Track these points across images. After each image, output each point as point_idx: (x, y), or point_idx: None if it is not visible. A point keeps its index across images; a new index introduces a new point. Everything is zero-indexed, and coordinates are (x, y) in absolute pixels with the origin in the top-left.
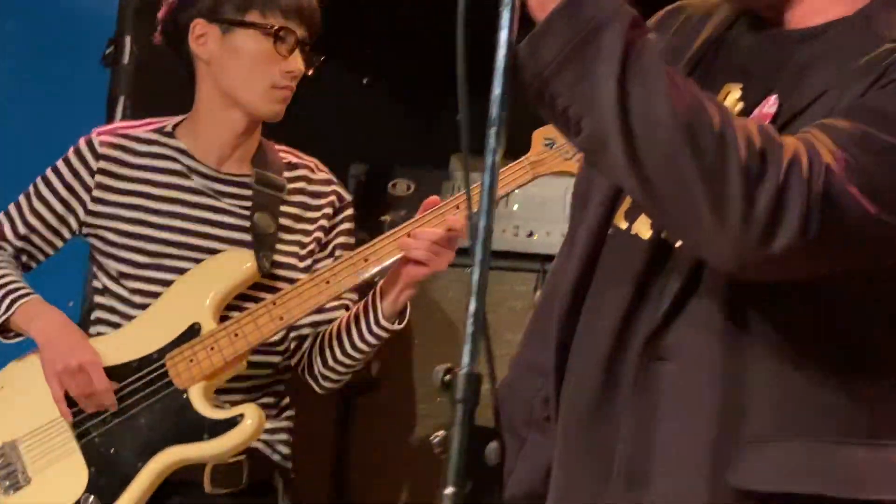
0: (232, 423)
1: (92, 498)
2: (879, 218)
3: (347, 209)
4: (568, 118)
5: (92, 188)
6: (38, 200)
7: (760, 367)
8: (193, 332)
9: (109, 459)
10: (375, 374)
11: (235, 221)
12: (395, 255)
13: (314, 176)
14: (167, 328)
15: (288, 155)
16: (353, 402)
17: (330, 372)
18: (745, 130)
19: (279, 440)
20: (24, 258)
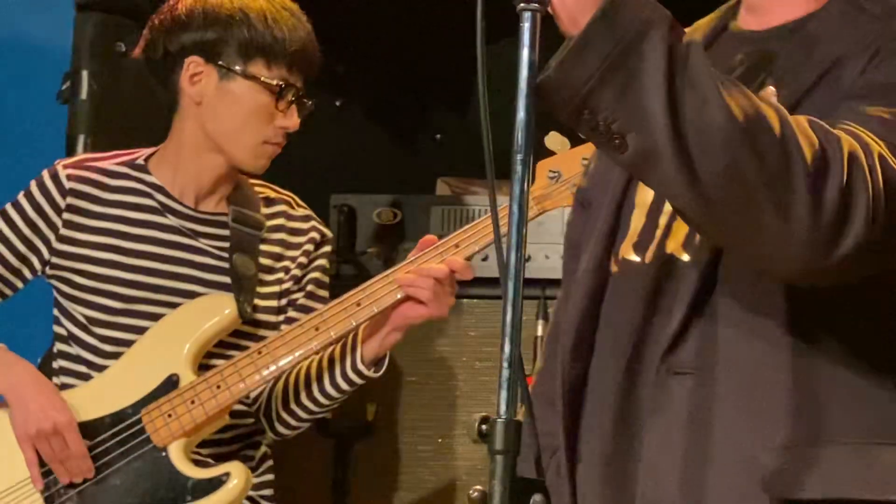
0: (217, 482)
1: None
2: None
3: (326, 245)
4: (612, 134)
5: (59, 227)
6: None
7: (786, 373)
8: (171, 384)
9: None
10: (371, 418)
11: (214, 262)
12: (389, 298)
13: (293, 212)
14: (142, 380)
15: (265, 189)
16: (349, 448)
17: (289, 416)
18: (802, 129)
19: (263, 496)
20: None
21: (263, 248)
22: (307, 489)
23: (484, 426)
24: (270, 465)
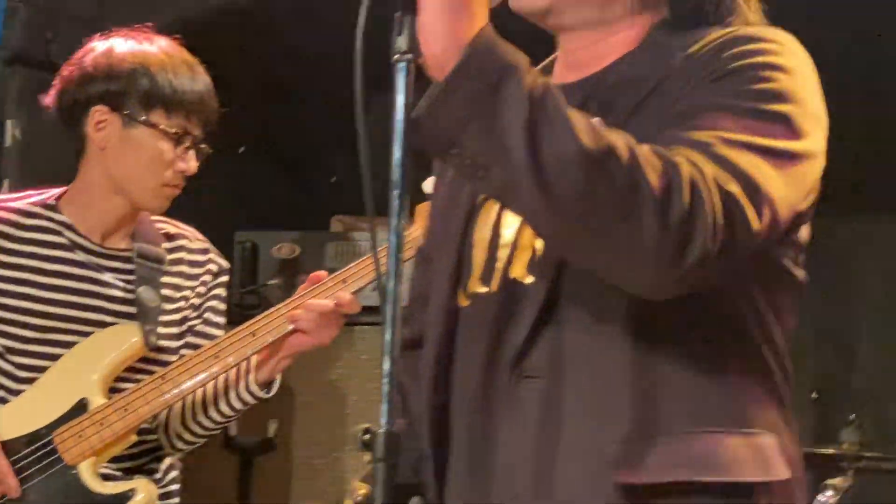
0: (123, 498)
1: None
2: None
3: (223, 276)
4: (477, 168)
5: None
6: None
7: (627, 373)
8: (81, 407)
9: None
10: (272, 434)
11: (120, 294)
12: (281, 330)
13: (192, 245)
14: (55, 403)
15: (166, 225)
16: (252, 462)
17: (187, 432)
18: (647, 156)
19: None
20: None
21: (165, 280)
22: (214, 500)
23: (367, 436)
24: (175, 476)
